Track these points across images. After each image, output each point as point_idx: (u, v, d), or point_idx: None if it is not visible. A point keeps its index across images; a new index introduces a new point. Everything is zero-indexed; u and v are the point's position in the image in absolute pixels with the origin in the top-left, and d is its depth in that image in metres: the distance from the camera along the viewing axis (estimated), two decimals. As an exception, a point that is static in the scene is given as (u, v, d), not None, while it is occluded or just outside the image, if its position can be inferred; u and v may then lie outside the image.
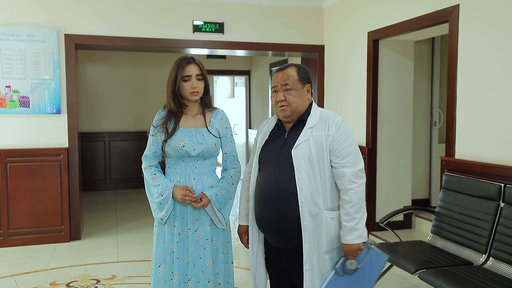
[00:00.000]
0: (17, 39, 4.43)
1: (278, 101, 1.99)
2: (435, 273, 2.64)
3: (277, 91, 2.01)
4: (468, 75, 3.30)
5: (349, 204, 1.94)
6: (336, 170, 1.96)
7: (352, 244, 1.93)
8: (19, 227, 4.48)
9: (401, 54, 4.64)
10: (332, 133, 1.96)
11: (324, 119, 2.01)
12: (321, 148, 1.95)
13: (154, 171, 2.35)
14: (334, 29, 5.14)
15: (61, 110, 4.57)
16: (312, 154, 1.93)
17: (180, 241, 2.29)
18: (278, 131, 2.08)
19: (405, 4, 3.97)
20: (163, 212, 2.28)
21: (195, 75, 2.27)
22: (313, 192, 1.93)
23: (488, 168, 3.05)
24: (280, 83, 1.99)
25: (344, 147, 1.96)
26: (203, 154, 2.29)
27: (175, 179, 2.31)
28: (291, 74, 1.99)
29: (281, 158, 1.99)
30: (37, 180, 4.52)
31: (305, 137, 1.95)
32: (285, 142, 2.01)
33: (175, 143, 2.26)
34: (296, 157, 1.93)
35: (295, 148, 1.95)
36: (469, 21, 3.26)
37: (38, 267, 3.87)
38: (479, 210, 2.92)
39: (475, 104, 3.25)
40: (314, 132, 1.97)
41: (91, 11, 4.67)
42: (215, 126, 2.34)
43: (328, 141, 1.95)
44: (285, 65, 2.03)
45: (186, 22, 4.96)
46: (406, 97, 4.71)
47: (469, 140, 3.31)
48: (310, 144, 1.94)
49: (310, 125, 1.99)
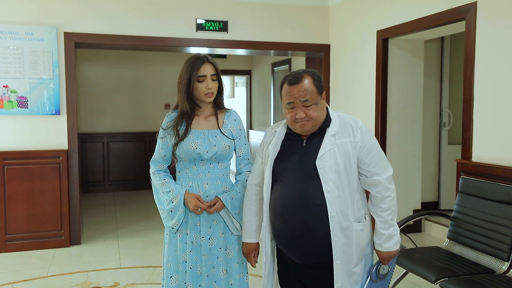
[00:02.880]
0: (15, 37, 4.27)
1: (298, 118, 1.81)
2: (458, 282, 2.52)
3: (294, 107, 1.80)
4: (485, 75, 3.19)
5: (386, 211, 1.85)
6: (369, 179, 1.85)
7: (392, 251, 1.87)
8: (17, 231, 4.32)
9: (411, 53, 4.53)
10: (359, 139, 1.82)
11: (346, 124, 1.85)
12: (348, 157, 1.81)
13: (163, 176, 2.22)
14: (341, 28, 5.02)
15: (60, 110, 4.42)
16: (339, 163, 1.79)
17: (193, 250, 2.17)
18: (292, 140, 1.91)
19: (417, 2, 3.86)
20: (174, 220, 2.16)
21: (210, 75, 2.14)
22: (343, 205, 1.80)
23: (509, 172, 2.93)
24: (299, 99, 1.79)
25: (374, 153, 1.84)
26: (216, 157, 2.16)
27: (187, 184, 2.18)
28: (309, 88, 1.79)
29: (302, 169, 1.83)
30: (35, 183, 4.37)
31: (328, 146, 1.80)
32: (304, 152, 1.85)
33: (187, 145, 2.14)
34: (321, 168, 1.78)
35: (320, 159, 1.79)
36: (487, 19, 3.15)
37: (37, 274, 3.72)
38: (500, 216, 2.81)
39: (493, 105, 3.14)
40: (337, 139, 1.82)
41: (92, 8, 4.52)
42: (228, 128, 2.22)
43: (356, 148, 1.82)
44: (298, 77, 1.81)
45: (189, 21, 4.83)
46: (416, 97, 4.60)
47: (487, 142, 3.20)
48: (335, 153, 1.79)
49: (332, 133, 1.83)
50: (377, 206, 1.86)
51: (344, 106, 4.95)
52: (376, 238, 1.89)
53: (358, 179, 1.85)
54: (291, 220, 1.84)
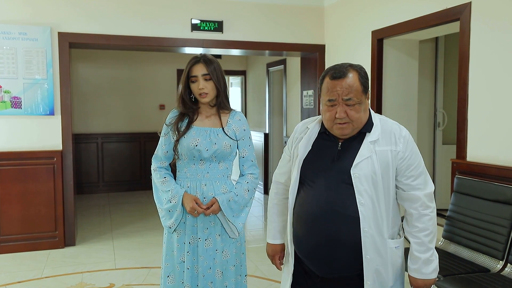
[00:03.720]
0: (8, 37, 4.24)
1: (338, 118, 1.60)
2: (453, 281, 2.53)
3: (335, 105, 1.61)
4: (479, 75, 3.20)
5: (424, 232, 1.66)
6: (407, 193, 1.67)
7: (429, 279, 1.67)
8: (10, 233, 4.29)
9: (406, 54, 4.54)
10: (401, 149, 1.64)
11: (388, 131, 1.66)
12: (387, 167, 1.63)
13: (164, 174, 2.21)
14: (336, 28, 5.03)
15: (54, 111, 4.40)
16: (377, 174, 1.61)
17: (191, 250, 2.16)
18: (326, 140, 1.71)
19: (411, 3, 3.87)
20: (171, 220, 2.15)
21: (201, 75, 2.13)
22: (378, 220, 1.62)
23: (504, 171, 2.95)
24: (342, 97, 1.59)
25: (415, 166, 1.66)
26: (216, 156, 2.14)
27: (185, 184, 2.17)
28: (354, 85, 1.59)
29: (334, 175, 1.64)
30: (29, 184, 4.34)
31: (367, 153, 1.62)
32: (338, 156, 1.66)
33: (188, 141, 2.12)
34: (356, 177, 1.60)
35: (356, 167, 1.61)
36: (481, 19, 3.16)
37: (31, 276, 3.70)
38: (494, 215, 2.82)
39: (487, 105, 3.15)
40: (377, 147, 1.63)
41: (86, 8, 4.50)
42: (232, 127, 2.20)
43: (397, 158, 1.63)
44: (343, 71, 1.61)
45: (184, 21, 4.82)
46: (411, 98, 4.61)
47: (481, 142, 3.21)
48: (373, 162, 1.61)
49: (372, 139, 1.64)
50: (413, 226, 1.67)
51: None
52: (411, 262, 1.68)
53: (395, 192, 1.69)
54: (316, 229, 1.66)
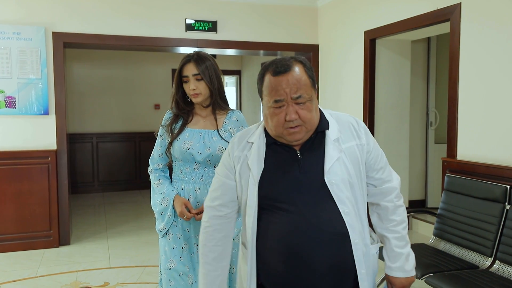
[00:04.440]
0: (2, 37, 4.25)
1: (288, 121, 1.35)
2: (442, 277, 2.57)
3: (282, 106, 1.36)
4: (469, 75, 3.25)
5: (402, 225, 1.52)
6: (379, 188, 1.53)
7: (412, 276, 1.53)
8: (5, 232, 4.29)
9: (398, 54, 4.59)
10: (365, 141, 1.47)
11: (346, 123, 1.48)
12: (358, 165, 1.45)
13: (159, 176, 2.17)
14: (329, 28, 5.07)
15: (49, 111, 4.41)
16: (351, 175, 1.42)
17: (184, 257, 2.09)
18: (280, 151, 1.45)
19: (403, 3, 3.92)
20: (162, 224, 2.11)
21: (192, 75, 2.06)
22: (360, 227, 1.44)
23: (493, 170, 3.00)
24: (291, 95, 1.35)
25: (381, 156, 1.52)
26: (210, 159, 2.06)
27: (180, 186, 2.12)
28: (302, 79, 1.36)
29: (306, 189, 1.40)
30: (24, 183, 4.35)
31: (336, 154, 1.41)
32: (302, 166, 1.42)
33: (180, 144, 2.06)
34: (333, 183, 1.38)
35: (329, 173, 1.39)
36: (471, 20, 3.21)
37: (26, 275, 3.71)
38: (483, 213, 2.87)
39: (477, 104, 3.20)
40: (343, 144, 1.44)
41: (81, 8, 4.51)
42: (228, 129, 2.11)
43: (363, 152, 1.46)
44: (287, 64, 1.38)
45: (179, 21, 4.84)
46: (403, 97, 4.66)
47: (471, 141, 3.26)
48: (345, 162, 1.42)
49: (334, 136, 1.44)
50: (388, 220, 1.52)
51: (333, 106, 4.99)
52: (392, 261, 1.52)
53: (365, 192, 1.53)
54: (305, 261, 1.38)
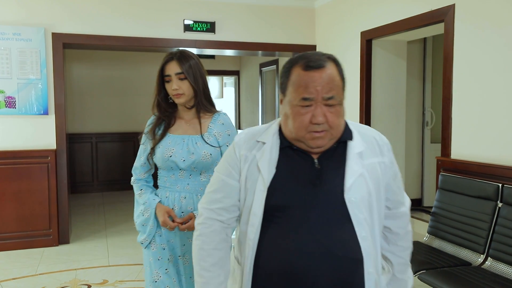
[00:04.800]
0: (2, 37, 4.29)
1: (314, 124, 1.19)
2: (435, 274, 2.62)
3: (310, 105, 1.19)
4: (463, 75, 3.30)
5: (408, 251, 1.43)
6: (393, 211, 1.39)
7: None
8: (5, 231, 4.34)
9: (394, 54, 4.64)
10: (388, 160, 1.33)
11: (369, 137, 1.33)
12: (378, 185, 1.30)
13: (141, 186, 2.04)
14: (326, 29, 5.12)
15: (48, 111, 4.45)
16: (371, 195, 1.27)
17: (170, 269, 1.97)
18: (295, 157, 1.29)
19: (398, 4, 3.96)
20: (144, 236, 1.98)
21: (175, 74, 1.92)
22: (375, 254, 1.30)
23: (485, 168, 3.04)
24: (322, 94, 1.18)
25: (399, 177, 1.40)
26: (195, 167, 1.93)
27: (164, 194, 1.99)
28: (335, 79, 1.20)
29: (320, 204, 1.24)
30: (23, 182, 4.39)
31: (358, 170, 1.26)
32: (319, 177, 1.26)
33: (162, 152, 1.93)
34: (352, 202, 1.23)
35: (350, 190, 1.24)
36: (464, 21, 3.26)
37: (26, 273, 3.75)
38: (476, 210, 2.92)
39: (471, 104, 3.25)
40: (365, 160, 1.29)
41: (80, 9, 4.56)
42: (213, 133, 1.97)
43: (385, 171, 1.32)
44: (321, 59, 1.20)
45: (177, 21, 4.88)
46: (399, 97, 4.71)
47: (465, 140, 3.31)
48: (367, 180, 1.27)
49: (358, 149, 1.28)
50: (396, 245, 1.41)
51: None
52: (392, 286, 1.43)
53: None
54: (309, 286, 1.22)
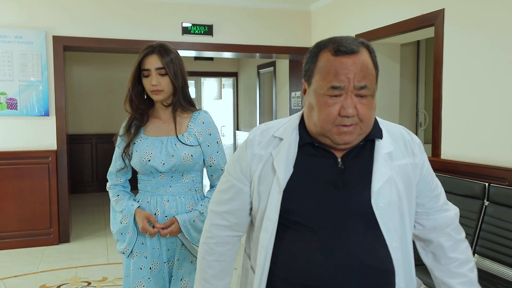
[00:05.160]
0: (4, 40, 4.39)
1: (344, 116, 1.05)
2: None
3: (340, 95, 1.06)
4: (453, 77, 3.39)
5: (468, 265, 1.22)
6: (434, 217, 1.23)
7: None
8: (6, 230, 4.44)
9: (388, 57, 4.73)
10: (420, 161, 1.19)
11: (398, 136, 1.20)
12: (410, 189, 1.16)
13: (117, 191, 1.90)
14: (322, 32, 5.21)
15: (49, 112, 4.55)
16: (402, 200, 1.12)
17: (153, 278, 1.84)
18: (316, 155, 1.14)
19: (391, 8, 4.06)
20: (124, 245, 1.85)
21: (155, 69, 1.78)
22: (408, 266, 1.15)
23: (473, 168, 3.14)
24: (354, 83, 1.05)
25: (436, 182, 1.25)
26: (176, 169, 1.80)
27: (145, 198, 1.85)
28: (368, 66, 1.08)
29: (346, 210, 1.09)
30: (25, 182, 4.49)
31: (387, 172, 1.11)
32: (343, 178, 1.11)
33: (140, 156, 1.80)
34: (381, 208, 1.09)
35: (378, 194, 1.09)
36: (454, 24, 3.35)
37: (27, 270, 3.85)
38: (464, 209, 3.00)
39: (460, 106, 3.34)
40: (395, 161, 1.15)
41: (80, 13, 4.65)
42: (193, 132, 1.84)
43: (417, 174, 1.18)
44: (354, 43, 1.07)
45: (175, 24, 4.98)
46: (393, 99, 4.80)
47: (454, 140, 3.40)
48: (396, 183, 1.12)
49: (388, 149, 1.15)
50: (448, 258, 1.21)
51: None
52: None
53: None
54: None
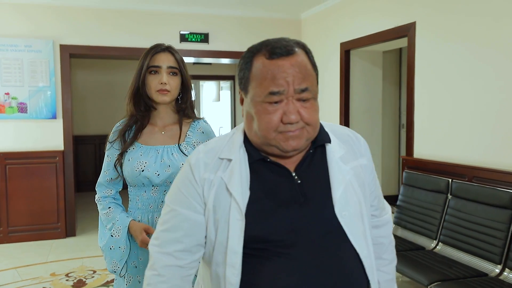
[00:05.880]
0: (15, 49, 4.75)
1: (286, 123, 1.00)
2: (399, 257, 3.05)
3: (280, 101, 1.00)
4: (425, 83, 3.73)
5: (393, 263, 1.26)
6: (380, 219, 1.23)
7: None
8: (18, 224, 4.80)
9: (371, 63, 5.07)
10: (367, 161, 1.15)
11: (344, 137, 1.15)
12: (364, 191, 1.11)
13: (109, 203, 1.73)
14: (311, 39, 5.56)
15: (56, 115, 4.90)
16: (361, 204, 1.09)
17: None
18: (268, 172, 1.07)
19: (372, 19, 4.40)
20: (114, 261, 1.67)
21: (167, 67, 1.64)
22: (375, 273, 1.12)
23: (440, 166, 3.48)
24: (294, 86, 0.99)
25: (377, 180, 1.22)
26: (171, 181, 1.62)
27: (136, 216, 1.72)
28: (307, 67, 1.02)
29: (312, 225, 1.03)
30: (34, 181, 4.84)
31: (344, 177, 1.07)
32: (302, 193, 1.05)
33: (132, 165, 1.64)
34: (345, 216, 1.04)
35: (339, 202, 1.04)
36: (424, 35, 3.69)
37: (38, 260, 4.20)
38: (431, 202, 3.35)
39: (430, 109, 3.68)
40: (348, 163, 1.10)
41: (84, 23, 5.01)
42: (192, 142, 1.70)
43: (367, 174, 1.14)
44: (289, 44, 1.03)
45: (174, 33, 5.33)
46: (375, 102, 5.15)
47: (425, 141, 3.74)
48: (354, 188, 1.08)
49: (339, 153, 1.10)
50: (380, 259, 1.22)
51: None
52: None
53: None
54: None
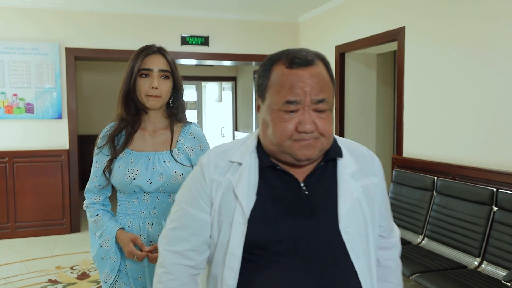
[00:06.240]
0: (23, 52, 4.94)
1: (301, 132, 1.00)
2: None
3: (297, 110, 1.00)
4: (412, 85, 3.89)
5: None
6: (388, 241, 1.21)
7: None
8: (25, 220, 5.00)
9: (365, 65, 5.23)
10: (380, 181, 1.16)
11: (359, 155, 1.15)
12: (373, 210, 1.11)
13: (97, 210, 1.69)
14: (308, 42, 5.72)
15: (62, 115, 5.10)
16: (367, 223, 1.08)
17: None
18: (277, 180, 1.08)
19: (365, 24, 4.56)
20: (105, 271, 1.64)
21: (158, 70, 1.59)
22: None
23: (426, 164, 3.64)
24: (311, 96, 1.00)
25: (388, 201, 1.22)
26: (164, 189, 1.61)
27: (127, 222, 1.65)
28: (325, 79, 1.03)
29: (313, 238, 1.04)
30: (40, 178, 5.04)
31: (352, 193, 1.08)
32: (309, 203, 1.06)
33: (123, 174, 1.60)
34: (349, 233, 1.05)
35: (344, 219, 1.05)
36: (413, 39, 3.85)
37: (44, 254, 4.39)
38: (418, 199, 3.51)
39: (416, 111, 3.84)
40: (360, 181, 1.11)
41: (89, 27, 5.20)
42: (183, 148, 1.65)
43: (378, 194, 1.14)
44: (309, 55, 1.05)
45: (175, 36, 5.51)
46: (369, 103, 5.31)
47: (413, 140, 3.90)
48: (362, 205, 1.08)
49: (351, 169, 1.11)
50: (386, 282, 1.21)
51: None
52: None
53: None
54: None
